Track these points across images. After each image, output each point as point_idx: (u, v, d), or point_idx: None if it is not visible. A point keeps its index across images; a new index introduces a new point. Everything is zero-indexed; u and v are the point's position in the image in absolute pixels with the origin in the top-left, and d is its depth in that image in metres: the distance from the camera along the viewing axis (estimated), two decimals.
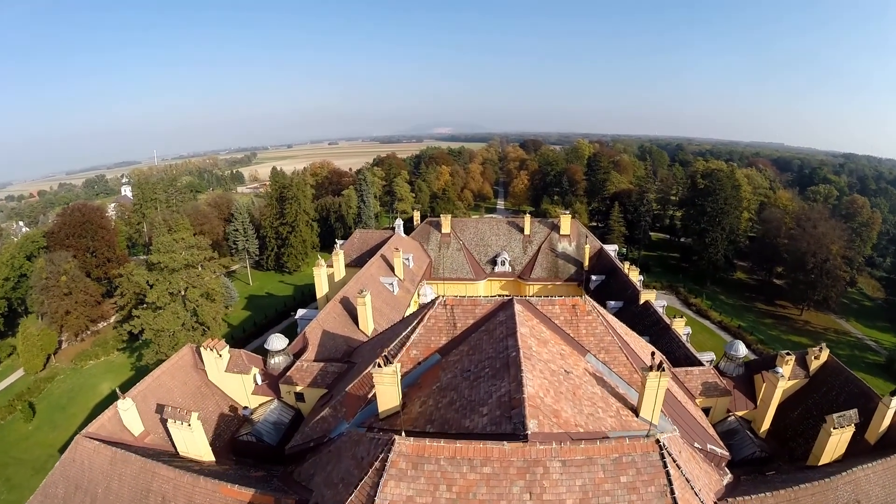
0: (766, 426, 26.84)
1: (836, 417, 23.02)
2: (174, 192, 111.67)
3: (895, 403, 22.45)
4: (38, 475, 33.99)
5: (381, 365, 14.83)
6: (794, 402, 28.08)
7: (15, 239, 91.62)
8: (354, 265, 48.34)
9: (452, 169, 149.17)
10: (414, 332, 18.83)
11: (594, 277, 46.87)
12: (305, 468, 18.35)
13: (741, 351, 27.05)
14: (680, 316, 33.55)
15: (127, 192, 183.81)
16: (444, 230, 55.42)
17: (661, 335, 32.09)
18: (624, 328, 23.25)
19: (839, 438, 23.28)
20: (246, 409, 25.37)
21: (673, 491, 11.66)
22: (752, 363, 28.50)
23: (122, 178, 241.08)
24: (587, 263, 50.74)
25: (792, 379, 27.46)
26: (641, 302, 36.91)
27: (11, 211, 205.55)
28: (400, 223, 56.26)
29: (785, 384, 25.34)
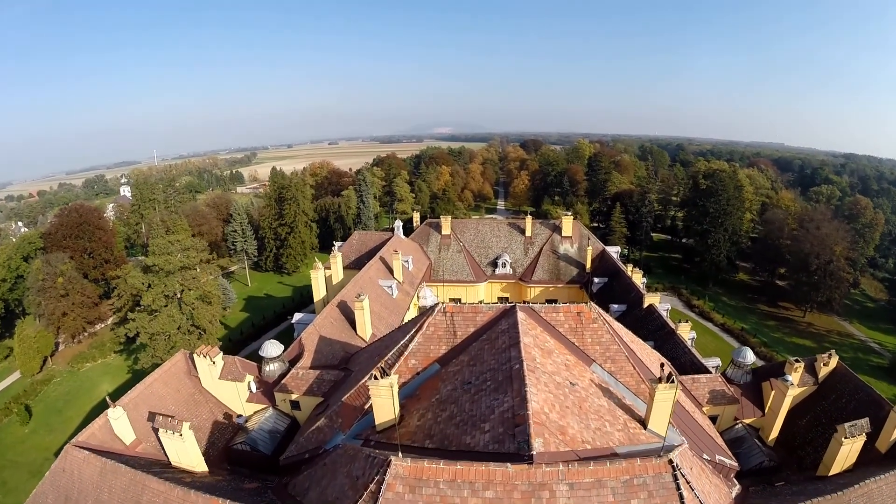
0: (774, 435, 26.18)
1: (847, 427, 22.39)
2: (173, 192, 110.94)
3: None
4: (33, 479, 33.54)
5: (377, 377, 14.16)
6: (802, 409, 27.43)
7: (13, 240, 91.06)
8: (353, 267, 47.66)
9: (452, 169, 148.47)
10: (412, 340, 18.15)
11: (596, 280, 46.20)
12: (300, 481, 17.71)
13: (749, 358, 26.37)
14: (685, 320, 32.86)
15: (126, 192, 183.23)
16: (444, 232, 54.73)
17: (665, 340, 31.41)
18: (630, 335, 22.57)
19: (850, 448, 22.66)
20: (240, 417, 24.72)
21: None
22: (759, 370, 27.85)
23: (121, 178, 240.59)
24: (589, 265, 50.05)
25: (800, 386, 26.80)
26: (645, 305, 36.23)
27: (11, 211, 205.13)
28: (399, 224, 55.60)
29: (794, 392, 24.69)
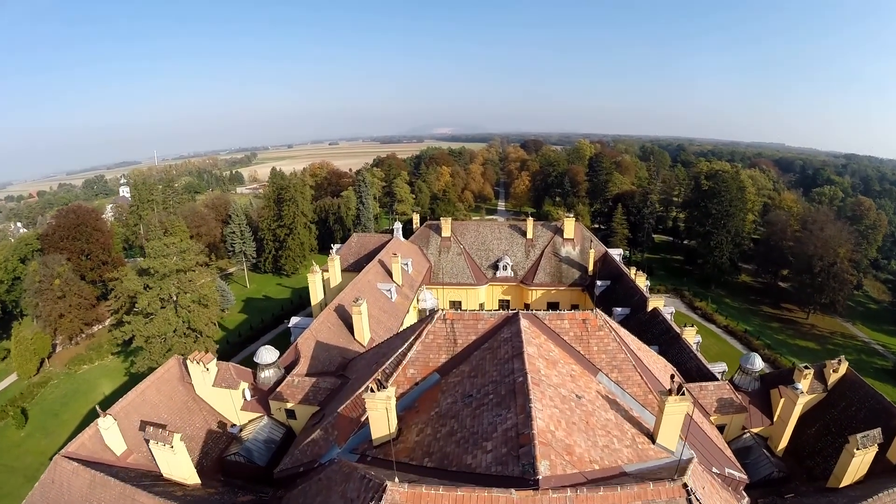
0: (783, 445, 25.49)
1: (859, 438, 21.76)
2: (171, 193, 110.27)
3: None
4: (28, 484, 33.06)
5: (373, 389, 13.48)
6: (811, 417, 26.72)
7: (12, 240, 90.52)
8: (352, 269, 46.97)
9: (453, 170, 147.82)
10: (411, 348, 17.44)
11: (599, 283, 45.48)
12: (295, 495, 17.02)
13: (757, 364, 25.67)
14: (690, 325, 32.16)
15: (125, 192, 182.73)
16: (444, 234, 54.01)
17: (670, 345, 30.70)
18: (636, 342, 21.87)
19: (862, 459, 22.04)
20: (234, 426, 24.03)
21: None
22: (767, 376, 27.13)
23: (120, 178, 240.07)
24: (592, 268, 49.34)
25: (810, 393, 26.11)
26: (649, 309, 35.53)
27: (10, 212, 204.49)
28: (399, 226, 54.89)
29: (804, 401, 24.00)
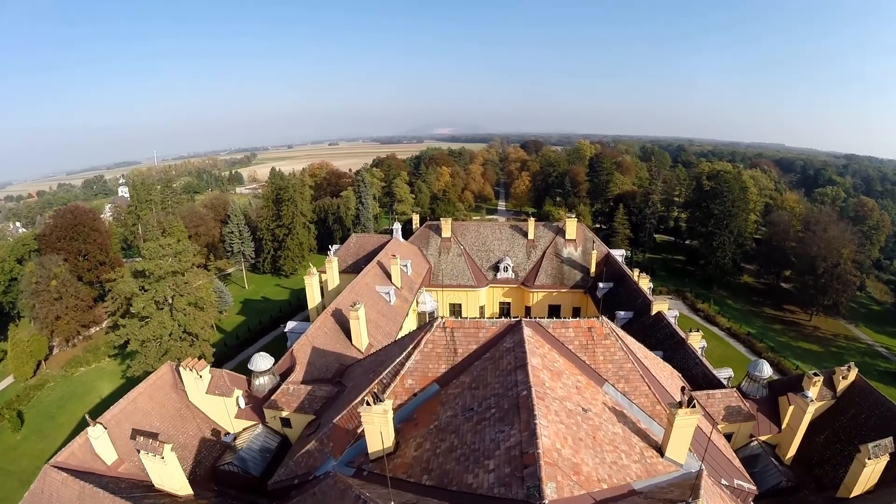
0: (791, 453, 24.86)
1: (871, 447, 21.20)
2: (170, 193, 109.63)
3: None
4: (24, 488, 32.69)
5: (369, 403, 12.85)
6: (820, 424, 26.10)
7: (10, 240, 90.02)
8: (350, 271, 46.30)
9: (453, 170, 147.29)
10: (409, 358, 16.79)
11: (601, 285, 44.77)
12: None
13: (766, 372, 25.05)
14: (696, 329, 31.50)
15: (124, 192, 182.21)
16: (444, 234, 53.30)
17: (675, 350, 30.03)
18: (643, 350, 21.22)
19: (873, 469, 21.47)
20: (228, 435, 23.39)
21: None
22: (775, 383, 26.51)
23: (119, 178, 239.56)
24: (594, 270, 48.65)
25: (818, 400, 25.50)
26: (653, 313, 34.84)
27: (9, 212, 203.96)
28: (398, 227, 54.18)
29: (814, 408, 23.38)
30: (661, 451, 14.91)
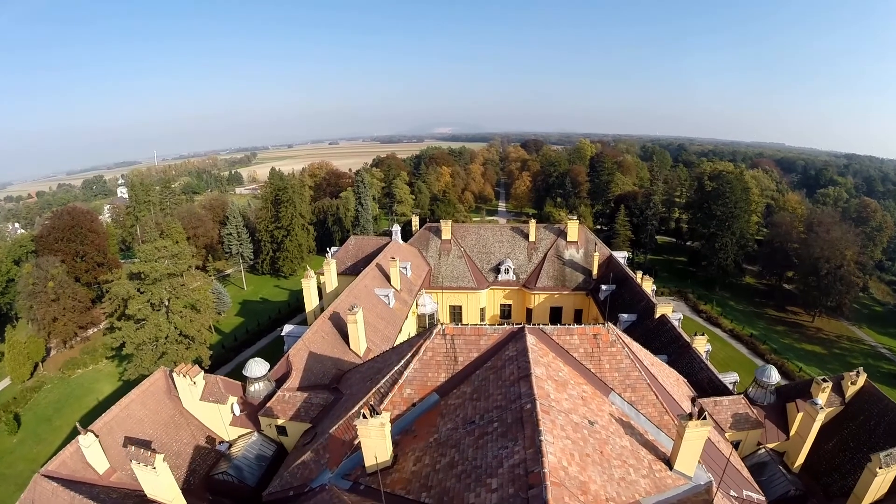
0: (800, 461, 24.30)
1: (882, 456, 20.67)
2: (168, 194, 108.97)
3: None
4: (20, 492, 32.33)
5: (366, 416, 12.30)
6: (828, 431, 25.53)
7: (9, 241, 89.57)
8: (349, 273, 45.76)
9: (453, 170, 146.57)
10: (408, 366, 16.22)
11: (604, 287, 44.18)
12: None
13: (773, 378, 24.47)
14: (701, 333, 30.92)
15: (123, 193, 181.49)
16: (444, 236, 52.71)
17: (680, 354, 29.44)
18: (649, 356, 20.64)
19: (884, 479, 20.92)
20: (222, 443, 22.83)
21: None
22: (783, 389, 25.92)
23: (119, 179, 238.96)
24: (596, 272, 48.07)
25: (827, 407, 24.93)
26: (657, 316, 34.24)
27: (8, 212, 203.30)
28: (397, 229, 53.57)
29: (823, 416, 22.82)
30: (669, 463, 14.37)
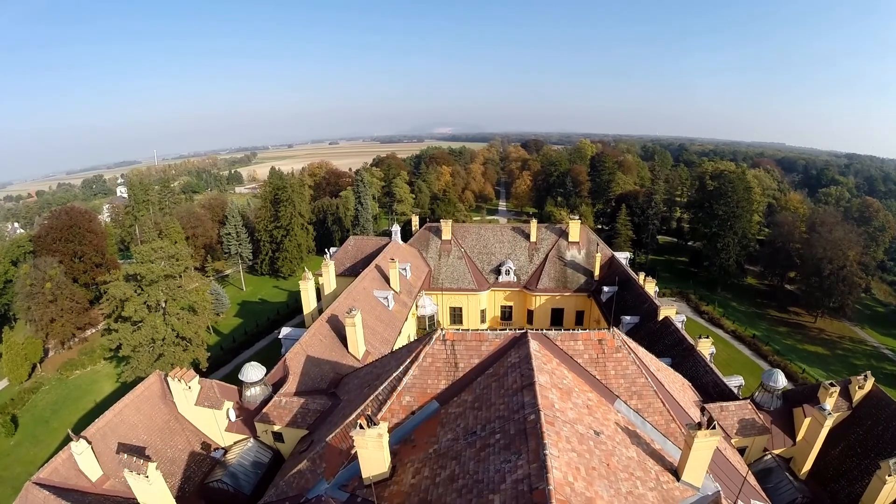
0: (807, 468, 23.82)
1: (892, 463, 20.31)
2: (167, 193, 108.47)
3: None
4: (16, 495, 32.03)
5: (363, 427, 11.84)
6: (835, 436, 25.07)
7: (7, 241, 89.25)
8: (348, 274, 45.27)
9: (453, 169, 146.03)
10: (407, 373, 15.74)
11: (606, 288, 43.68)
12: None
13: (780, 382, 23.99)
14: (706, 336, 30.41)
15: (122, 193, 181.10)
16: (444, 237, 52.18)
17: (684, 357, 28.96)
18: (655, 361, 20.13)
19: (893, 486, 20.50)
20: (217, 450, 22.35)
21: None
22: (789, 393, 25.45)
23: (118, 178, 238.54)
24: (598, 273, 47.56)
25: (834, 412, 24.46)
26: (660, 318, 33.75)
27: (8, 212, 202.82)
28: (397, 229, 53.01)
29: (831, 421, 22.35)
30: (677, 474, 13.91)
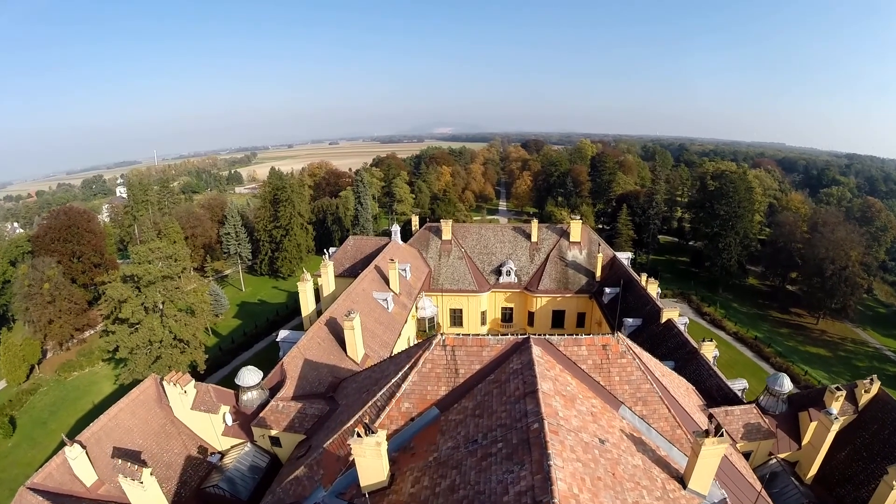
0: (812, 472, 23.46)
1: None
2: (166, 193, 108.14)
3: None
4: (13, 497, 31.69)
5: (360, 435, 11.49)
6: (841, 440, 24.68)
7: (5, 241, 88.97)
8: (347, 275, 44.89)
9: (453, 169, 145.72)
10: (406, 378, 15.38)
11: (608, 290, 43.29)
12: None
13: (786, 386, 23.63)
14: (709, 339, 30.03)
15: (122, 193, 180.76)
16: (444, 237, 51.77)
17: (688, 361, 28.56)
18: (660, 367, 19.75)
19: None
20: (213, 455, 21.99)
21: None
22: (795, 397, 25.09)
23: (118, 178, 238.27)
24: (599, 274, 47.15)
25: (840, 416, 24.10)
26: (663, 320, 33.36)
27: (7, 212, 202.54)
28: (397, 229, 52.60)
29: (837, 426, 22.00)
30: (683, 482, 13.57)
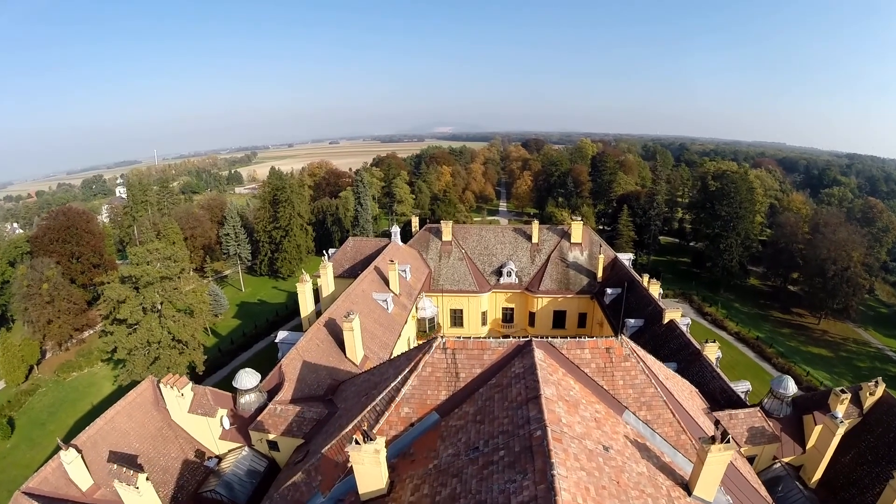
0: (817, 476, 23.16)
1: None
2: (166, 193, 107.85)
3: None
4: (9, 501, 31.44)
5: (359, 442, 11.22)
6: (845, 443, 24.34)
7: (5, 242, 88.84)
8: (347, 276, 44.63)
9: (454, 169, 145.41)
10: (406, 383, 15.11)
11: (609, 291, 43.05)
12: None
13: (790, 389, 23.34)
14: (712, 340, 29.76)
15: (121, 193, 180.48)
16: (444, 238, 51.53)
17: (690, 362, 28.30)
18: (663, 370, 19.46)
19: None
20: (210, 459, 21.72)
21: None
22: (799, 400, 24.80)
23: (118, 178, 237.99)
24: (601, 274, 46.89)
25: (845, 419, 23.81)
26: (665, 321, 33.09)
27: (7, 212, 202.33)
28: (397, 230, 52.36)
29: (843, 430, 21.71)
30: (688, 488, 13.29)
